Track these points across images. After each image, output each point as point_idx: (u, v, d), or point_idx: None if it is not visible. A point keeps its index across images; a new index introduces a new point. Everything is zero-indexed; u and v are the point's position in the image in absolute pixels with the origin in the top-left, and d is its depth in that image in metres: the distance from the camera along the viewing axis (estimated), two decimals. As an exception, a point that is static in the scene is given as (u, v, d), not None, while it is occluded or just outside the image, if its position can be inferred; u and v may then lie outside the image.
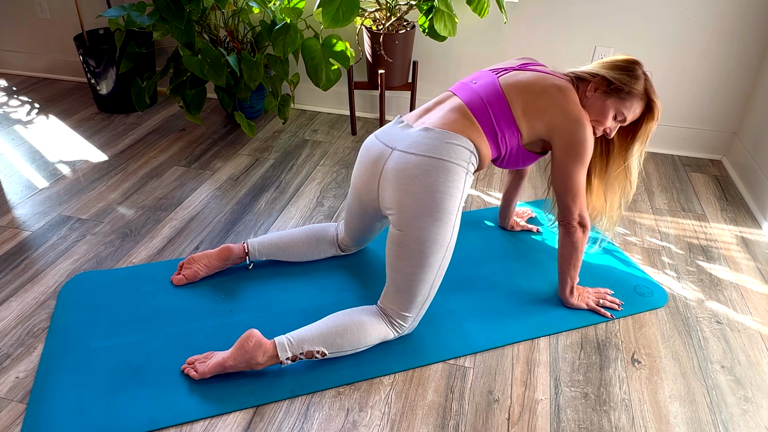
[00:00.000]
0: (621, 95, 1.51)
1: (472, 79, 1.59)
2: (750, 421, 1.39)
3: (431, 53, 2.74)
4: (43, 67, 3.31)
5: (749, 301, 1.77)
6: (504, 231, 2.06)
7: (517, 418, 1.38)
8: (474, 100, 1.51)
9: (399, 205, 1.44)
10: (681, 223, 2.15)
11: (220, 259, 1.75)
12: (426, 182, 1.40)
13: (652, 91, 1.53)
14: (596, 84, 1.53)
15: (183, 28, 2.29)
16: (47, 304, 1.67)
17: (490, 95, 1.51)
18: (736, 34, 2.38)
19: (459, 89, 1.57)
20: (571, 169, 1.52)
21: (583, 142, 1.50)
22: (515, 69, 1.58)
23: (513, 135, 1.52)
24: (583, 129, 1.49)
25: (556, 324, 1.65)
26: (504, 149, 1.54)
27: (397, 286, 1.47)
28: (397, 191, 1.44)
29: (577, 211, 1.56)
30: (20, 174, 2.34)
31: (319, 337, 1.43)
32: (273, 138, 2.71)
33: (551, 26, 2.54)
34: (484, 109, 1.50)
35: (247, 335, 1.40)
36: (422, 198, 1.40)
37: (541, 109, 1.49)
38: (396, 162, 1.45)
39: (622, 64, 1.53)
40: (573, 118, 1.48)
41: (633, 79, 1.50)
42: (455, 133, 1.45)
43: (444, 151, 1.42)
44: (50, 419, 1.32)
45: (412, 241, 1.42)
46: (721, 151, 2.63)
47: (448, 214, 1.42)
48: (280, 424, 1.35)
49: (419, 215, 1.41)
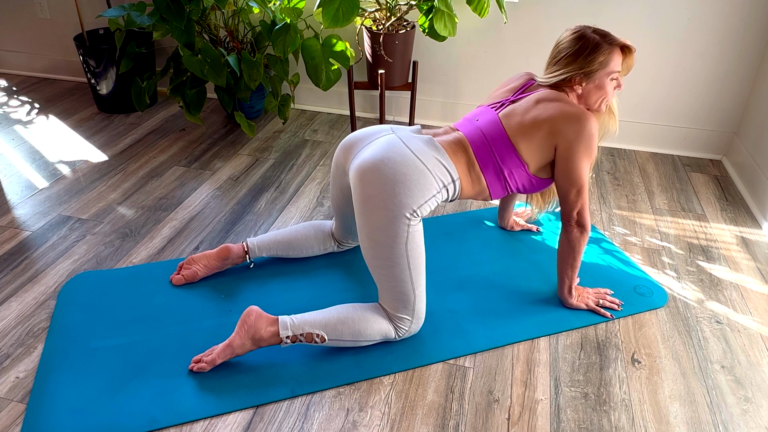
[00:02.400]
0: (602, 66, 1.54)
1: (474, 115, 1.63)
2: (750, 421, 1.39)
3: (431, 53, 2.74)
4: (43, 67, 3.31)
5: (749, 301, 1.77)
6: (504, 231, 2.06)
7: (517, 418, 1.38)
8: (476, 140, 1.55)
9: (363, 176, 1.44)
10: (681, 223, 2.15)
11: (219, 259, 1.75)
12: (399, 170, 1.41)
13: (611, 38, 1.54)
14: (578, 80, 1.56)
15: (183, 28, 2.29)
16: (47, 304, 1.68)
17: (492, 134, 1.54)
18: (736, 34, 2.38)
19: (462, 125, 1.61)
20: (577, 162, 1.52)
21: (591, 134, 1.51)
22: (511, 101, 1.61)
23: (521, 168, 1.54)
24: (588, 121, 1.50)
25: (556, 324, 1.65)
26: (514, 184, 1.57)
27: (380, 287, 1.50)
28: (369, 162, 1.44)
29: (578, 208, 1.56)
30: (20, 174, 2.34)
31: (321, 321, 1.45)
32: (273, 138, 2.71)
33: (551, 26, 2.54)
34: (487, 149, 1.54)
35: (247, 311, 1.43)
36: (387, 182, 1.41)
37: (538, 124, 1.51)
38: (389, 140, 1.49)
39: (576, 48, 1.55)
40: (576, 117, 1.50)
41: (595, 52, 1.53)
42: (448, 157, 1.50)
43: (434, 163, 1.46)
44: (50, 419, 1.32)
45: (371, 231, 1.43)
46: (721, 151, 2.63)
47: (404, 209, 1.41)
48: (280, 424, 1.35)
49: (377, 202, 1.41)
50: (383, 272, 1.47)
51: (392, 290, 1.48)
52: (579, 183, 1.54)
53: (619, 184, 2.40)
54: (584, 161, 1.53)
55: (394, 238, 1.42)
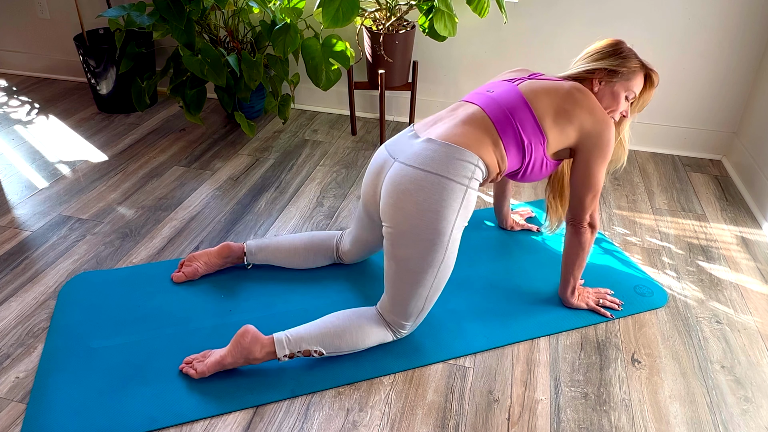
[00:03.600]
0: (625, 77, 1.54)
1: (486, 88, 1.56)
2: (750, 421, 1.39)
3: (431, 53, 2.74)
4: (43, 67, 3.31)
5: (749, 301, 1.77)
6: (504, 231, 2.06)
7: (517, 418, 1.38)
8: (493, 109, 1.47)
9: (392, 220, 1.41)
10: (681, 223, 2.15)
11: (220, 257, 1.75)
12: (418, 199, 1.36)
13: (645, 61, 1.57)
14: (600, 77, 1.55)
15: (183, 28, 2.29)
16: (47, 304, 1.67)
17: (511, 102, 1.47)
18: (736, 34, 2.38)
19: (474, 97, 1.54)
20: (596, 167, 1.52)
21: (610, 141, 1.51)
22: (528, 78, 1.57)
23: (539, 143, 1.48)
24: (609, 129, 1.50)
25: (556, 324, 1.65)
26: (529, 158, 1.49)
27: (392, 298, 1.47)
28: (391, 206, 1.40)
29: (590, 211, 1.56)
30: (20, 174, 2.34)
31: (317, 337, 1.43)
32: (273, 138, 2.71)
33: (551, 26, 2.54)
34: (506, 116, 1.45)
35: (242, 331, 1.41)
36: (413, 216, 1.36)
37: (570, 113, 1.48)
38: (393, 174, 1.42)
39: (610, 50, 1.56)
40: (600, 119, 1.49)
41: (627, 59, 1.55)
42: (458, 146, 1.39)
43: (443, 166, 1.37)
44: (50, 419, 1.32)
45: (403, 259, 1.40)
46: (721, 151, 2.63)
47: (440, 236, 1.37)
48: (280, 424, 1.35)
49: (409, 233, 1.38)
50: (404, 291, 1.43)
51: (402, 304, 1.45)
52: (596, 188, 1.53)
53: (619, 184, 2.40)
54: (602, 166, 1.53)
55: (432, 264, 1.39)
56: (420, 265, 1.39)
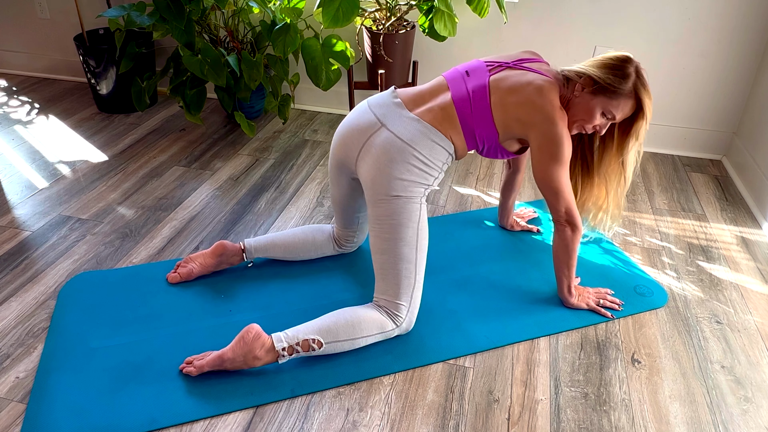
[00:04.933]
0: (608, 94, 1.49)
1: (466, 68, 1.60)
2: (750, 421, 1.39)
3: (431, 53, 2.74)
4: (43, 67, 3.31)
5: (749, 301, 1.77)
6: (504, 231, 2.06)
7: (517, 418, 1.38)
8: (461, 97, 1.55)
9: (373, 181, 1.51)
10: (681, 223, 2.15)
11: (214, 256, 1.75)
12: (401, 168, 1.49)
13: (642, 90, 1.48)
14: (583, 83, 1.51)
15: (183, 28, 2.29)
16: (47, 304, 1.67)
17: (475, 92, 1.54)
18: (736, 34, 2.38)
19: (452, 81, 1.58)
20: (549, 167, 1.52)
21: (558, 141, 1.49)
22: (509, 66, 1.57)
23: (491, 132, 1.55)
24: (555, 127, 1.48)
25: (556, 324, 1.65)
26: (481, 144, 1.59)
27: (383, 270, 1.52)
28: (375, 168, 1.50)
29: (563, 209, 1.56)
30: (20, 174, 2.34)
31: (314, 328, 1.45)
32: (273, 138, 2.71)
33: (551, 26, 2.54)
34: (467, 105, 1.54)
35: (247, 328, 1.42)
36: (394, 179, 1.48)
37: (516, 108, 1.50)
38: (383, 141, 1.51)
39: (612, 62, 1.50)
40: (547, 117, 1.48)
41: (621, 79, 1.47)
42: (440, 132, 1.52)
43: (427, 147, 1.51)
44: (50, 419, 1.32)
45: (384, 215, 1.50)
46: (721, 151, 2.63)
47: (415, 195, 1.51)
48: (280, 424, 1.35)
49: (389, 192, 1.49)
50: (389, 256, 1.50)
51: (395, 275, 1.50)
52: (556, 187, 1.53)
53: (619, 184, 2.40)
54: (555, 166, 1.50)
55: (410, 218, 1.50)
56: (399, 219, 1.50)
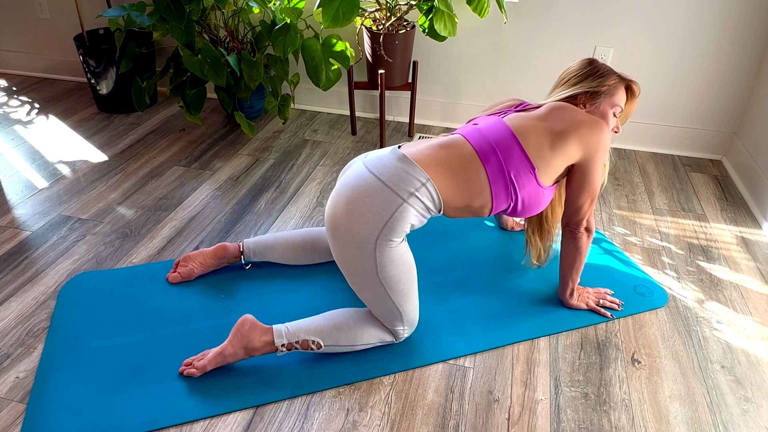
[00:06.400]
0: (608, 94, 1.54)
1: (474, 122, 1.57)
2: (750, 421, 1.39)
3: (431, 53, 2.74)
4: (43, 67, 3.31)
5: (749, 301, 1.77)
6: (504, 231, 2.06)
7: (517, 418, 1.38)
8: (476, 137, 1.46)
9: (332, 216, 1.41)
10: (681, 223, 2.15)
11: (215, 257, 1.75)
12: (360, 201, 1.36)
13: (623, 74, 1.56)
14: (583, 101, 1.55)
15: (183, 28, 2.29)
16: (47, 304, 1.67)
17: (496, 133, 1.46)
18: (736, 34, 2.38)
19: (460, 129, 1.54)
20: (595, 172, 1.50)
21: (607, 144, 1.50)
22: (513, 110, 1.57)
23: (529, 172, 1.44)
24: (604, 132, 1.48)
25: (556, 324, 1.65)
26: (516, 192, 1.45)
27: (370, 305, 1.47)
28: (335, 201, 1.41)
29: (588, 215, 1.56)
30: (20, 174, 2.34)
31: (316, 329, 1.44)
32: (273, 138, 2.71)
33: (551, 26, 2.54)
34: (490, 146, 1.44)
35: (241, 320, 1.42)
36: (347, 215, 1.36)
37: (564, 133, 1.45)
38: (351, 171, 1.45)
39: (586, 71, 1.55)
40: (593, 125, 1.47)
41: (605, 77, 1.54)
42: (413, 162, 1.39)
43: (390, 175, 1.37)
44: (50, 419, 1.32)
45: (341, 259, 1.42)
46: (721, 151, 2.63)
47: (364, 240, 1.35)
48: (280, 424, 1.35)
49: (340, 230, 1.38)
50: (365, 296, 1.45)
51: (377, 310, 1.47)
52: (595, 192, 1.53)
53: (619, 184, 2.40)
54: (599, 169, 1.52)
55: (364, 269, 1.38)
56: (356, 269, 1.40)
